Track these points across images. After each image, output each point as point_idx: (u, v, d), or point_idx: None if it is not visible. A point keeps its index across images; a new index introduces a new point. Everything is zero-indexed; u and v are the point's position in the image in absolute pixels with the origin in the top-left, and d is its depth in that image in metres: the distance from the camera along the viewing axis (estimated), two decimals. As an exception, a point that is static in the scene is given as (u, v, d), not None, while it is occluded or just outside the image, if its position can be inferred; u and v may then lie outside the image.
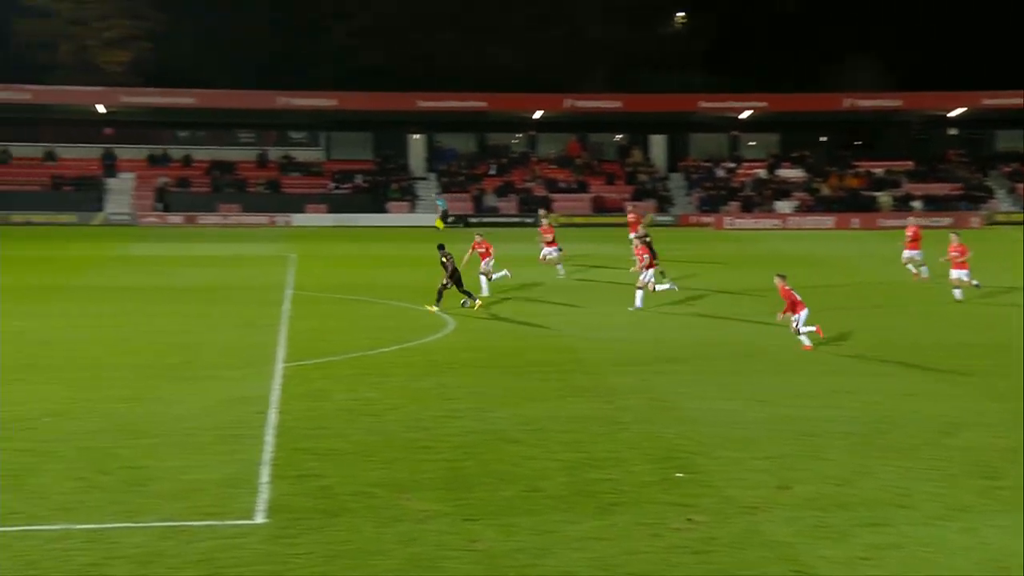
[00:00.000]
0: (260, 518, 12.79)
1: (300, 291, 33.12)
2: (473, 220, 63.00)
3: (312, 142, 72.80)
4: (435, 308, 28.18)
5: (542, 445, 15.90)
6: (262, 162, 70.48)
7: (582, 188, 69.77)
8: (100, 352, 23.01)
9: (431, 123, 71.56)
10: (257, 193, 67.17)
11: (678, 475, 14.52)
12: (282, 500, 13.36)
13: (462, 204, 66.76)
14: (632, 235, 33.27)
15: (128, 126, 70.05)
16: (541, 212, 44.08)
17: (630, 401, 18.76)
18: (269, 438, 16.13)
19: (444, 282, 28.31)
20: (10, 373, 20.64)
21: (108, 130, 70.23)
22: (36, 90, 65.34)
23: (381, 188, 68.33)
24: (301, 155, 71.59)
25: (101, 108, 66.99)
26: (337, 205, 65.60)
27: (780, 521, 12.82)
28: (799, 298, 23.45)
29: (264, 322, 27.08)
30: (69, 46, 74.86)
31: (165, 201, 65.47)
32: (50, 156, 68.52)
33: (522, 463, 15.01)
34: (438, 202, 62.72)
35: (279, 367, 21.44)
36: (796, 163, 73.19)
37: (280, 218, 63.67)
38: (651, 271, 29.44)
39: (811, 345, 23.35)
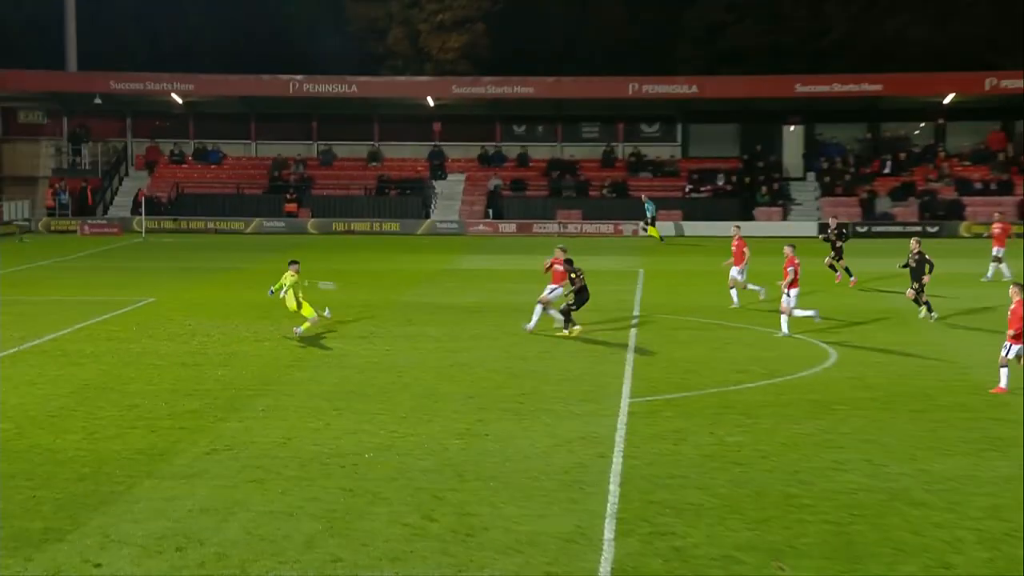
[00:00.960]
0: (605, 582, 13.04)
1: (649, 312, 33.46)
2: (861, 229, 61.58)
3: (666, 137, 73.46)
4: (568, 331, 29.07)
5: (954, 510, 15.47)
6: (607, 161, 71.91)
7: (1006, 189, 66.43)
8: (429, 379, 24.24)
9: (811, 112, 70.47)
10: (601, 197, 68.56)
11: None
12: (630, 561, 13.54)
13: (848, 210, 65.25)
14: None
15: (458, 121, 73.35)
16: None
17: (1069, 460, 17.79)
18: (614, 487, 16.44)
19: (570, 302, 29.22)
20: (334, 401, 22.10)
21: (436, 125, 73.85)
22: (362, 82, 69.92)
23: (748, 191, 67.94)
24: (653, 152, 72.40)
25: (430, 101, 70.66)
26: (694, 211, 65.81)
27: None
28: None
29: (608, 349, 27.64)
30: (401, 31, 79.56)
31: (497, 206, 68.11)
32: (374, 156, 72.99)
33: (928, 531, 14.64)
34: (646, 206, 61.29)
35: (625, 402, 21.84)
36: None
37: (627, 226, 64.63)
38: (794, 291, 29.32)
39: (1006, 387, 22.26)
